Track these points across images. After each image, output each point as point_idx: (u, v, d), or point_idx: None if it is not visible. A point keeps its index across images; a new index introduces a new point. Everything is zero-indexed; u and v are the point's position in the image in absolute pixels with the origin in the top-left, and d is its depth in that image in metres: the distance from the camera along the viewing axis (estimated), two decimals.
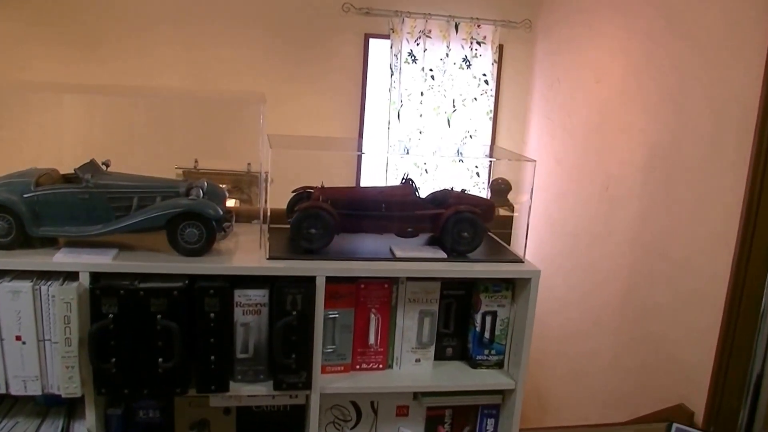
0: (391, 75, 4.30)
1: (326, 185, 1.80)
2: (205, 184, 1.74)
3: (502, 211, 2.67)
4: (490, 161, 4.48)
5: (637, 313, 2.99)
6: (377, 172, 4.49)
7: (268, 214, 1.66)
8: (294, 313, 1.60)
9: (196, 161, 4.37)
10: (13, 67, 4.08)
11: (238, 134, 3.89)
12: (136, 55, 4.22)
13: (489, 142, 4.56)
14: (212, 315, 1.57)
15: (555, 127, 4.05)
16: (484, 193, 4.52)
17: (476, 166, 4.47)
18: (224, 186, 4.58)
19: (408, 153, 3.96)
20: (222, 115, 4.18)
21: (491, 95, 4.45)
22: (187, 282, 1.57)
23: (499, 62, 4.45)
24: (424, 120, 4.37)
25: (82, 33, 4.18)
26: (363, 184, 4.48)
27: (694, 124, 2.63)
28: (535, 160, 1.75)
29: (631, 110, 3.13)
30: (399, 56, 4.27)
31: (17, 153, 3.81)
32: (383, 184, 4.49)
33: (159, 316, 1.54)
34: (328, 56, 4.38)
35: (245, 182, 4.46)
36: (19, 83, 3.47)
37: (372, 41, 4.35)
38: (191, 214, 1.58)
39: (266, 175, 1.68)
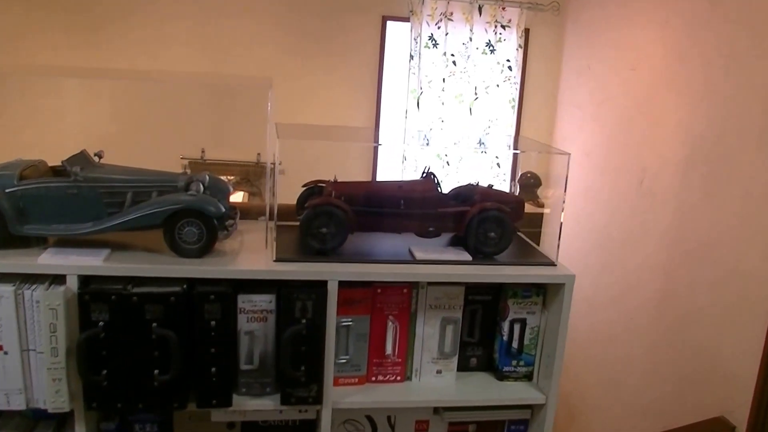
0: (410, 60, 4.18)
1: (340, 179, 1.69)
2: (207, 177, 1.63)
3: (532, 208, 2.56)
4: (514, 153, 4.35)
5: (674, 319, 2.85)
6: (394, 165, 4.37)
7: (276, 210, 1.55)
8: (303, 321, 1.49)
9: (202, 151, 4.28)
10: (14, 53, 4.01)
11: (247, 122, 3.79)
12: (142, 33, 4.13)
13: (512, 132, 4.42)
14: (213, 323, 1.47)
15: (584, 117, 3.91)
16: (507, 185, 4.39)
17: (497, 157, 4.34)
18: (232, 178, 4.52)
19: (428, 144, 3.83)
20: (230, 102, 4.08)
21: (515, 82, 4.32)
22: (185, 286, 1.46)
23: (525, 47, 4.31)
24: (445, 108, 4.24)
25: (84, 14, 4.09)
26: (379, 177, 4.37)
27: (742, 115, 2.48)
28: (569, 153, 1.63)
29: (670, 100, 2.98)
30: (419, 40, 4.14)
31: (15, 141, 3.73)
32: (401, 178, 4.38)
33: (154, 324, 1.44)
34: (342, 40, 4.26)
35: (254, 174, 4.37)
36: (18, 68, 3.38)
37: (390, 24, 4.23)
38: (190, 211, 1.48)
39: (273, 167, 1.57)
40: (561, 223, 1.71)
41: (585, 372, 3.61)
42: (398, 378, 1.67)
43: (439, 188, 1.68)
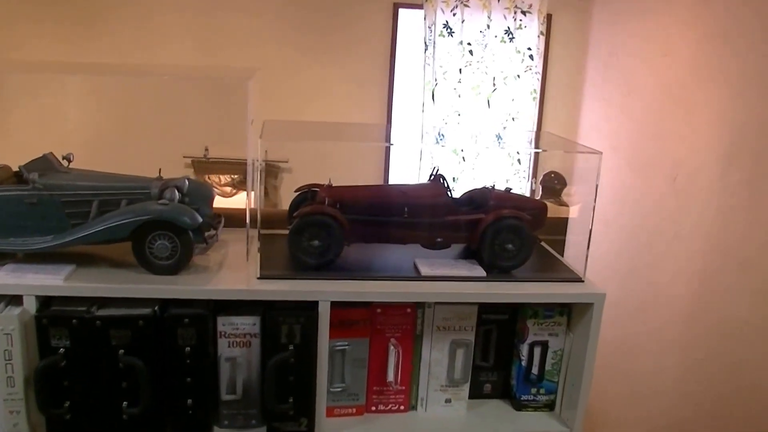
0: (425, 50, 4.00)
1: (349, 182, 1.53)
2: (186, 182, 1.48)
3: (556, 210, 2.38)
4: (533, 152, 4.15)
5: (710, 331, 2.65)
6: (409, 164, 4.20)
7: (259, 217, 1.39)
8: (291, 347, 1.34)
9: (206, 149, 4.14)
10: (4, 47, 3.89)
11: (255, 116, 3.64)
12: (137, 26, 3.99)
13: (534, 126, 4.23)
14: (188, 349, 1.32)
15: (611, 108, 3.71)
16: (526, 184, 4.20)
17: (517, 152, 4.15)
18: (236, 177, 4.37)
19: (442, 139, 3.66)
20: (231, 97, 3.92)
21: (537, 72, 4.12)
22: (156, 308, 1.31)
23: (547, 34, 4.11)
24: (462, 101, 4.06)
25: (77, 7, 3.96)
26: (393, 178, 4.20)
27: None
28: (600, 152, 1.45)
29: (706, 89, 2.78)
30: (433, 28, 3.96)
31: (4, 142, 3.62)
32: (411, 181, 4.20)
33: (121, 351, 1.29)
34: (351, 31, 4.09)
35: (260, 172, 4.22)
36: (6, 63, 3.26)
37: (402, 11, 4.06)
38: (161, 222, 1.32)
39: (256, 164, 1.41)
40: (590, 231, 1.53)
41: (610, 384, 3.42)
42: (401, 408, 1.51)
43: (449, 193, 1.51)
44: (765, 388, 2.34)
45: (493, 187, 1.54)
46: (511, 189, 1.56)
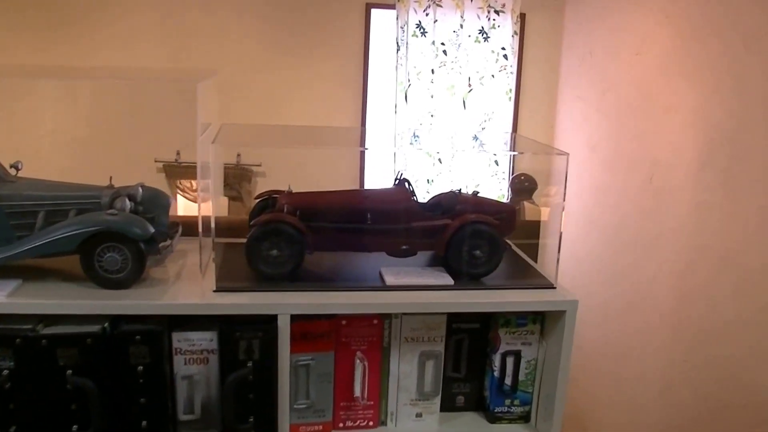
0: (397, 50, 3.95)
1: (325, 185, 1.47)
2: (140, 190, 1.41)
3: (530, 211, 2.34)
4: (505, 154, 4.11)
5: (692, 329, 2.62)
6: (385, 167, 4.14)
7: (213, 225, 1.32)
8: (249, 363, 1.27)
9: (178, 153, 4.05)
10: None
11: (223, 120, 3.57)
12: (105, 28, 3.90)
13: (510, 127, 4.18)
14: (140, 368, 1.25)
15: (588, 108, 3.67)
16: (504, 185, 4.16)
17: (494, 153, 4.10)
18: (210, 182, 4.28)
19: (417, 141, 3.61)
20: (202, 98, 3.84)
21: (512, 72, 4.08)
22: (106, 325, 1.24)
23: (521, 34, 4.07)
24: (435, 102, 4.01)
25: (44, 11, 3.86)
26: (368, 181, 4.13)
27: (766, 100, 2.25)
28: (567, 153, 1.40)
29: (681, 87, 2.75)
30: (406, 29, 3.91)
31: None
32: (386, 183, 4.14)
33: (69, 372, 1.22)
34: (323, 31, 4.02)
35: (234, 176, 4.14)
36: None
37: (374, 11, 4.00)
38: (111, 234, 1.25)
39: (204, 170, 1.34)
40: (560, 235, 1.48)
41: (595, 385, 3.39)
42: (370, 423, 1.44)
43: (414, 198, 1.45)
44: (749, 387, 2.30)
45: (460, 191, 1.49)
46: (478, 192, 1.50)
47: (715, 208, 2.51)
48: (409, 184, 1.45)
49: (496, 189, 4.16)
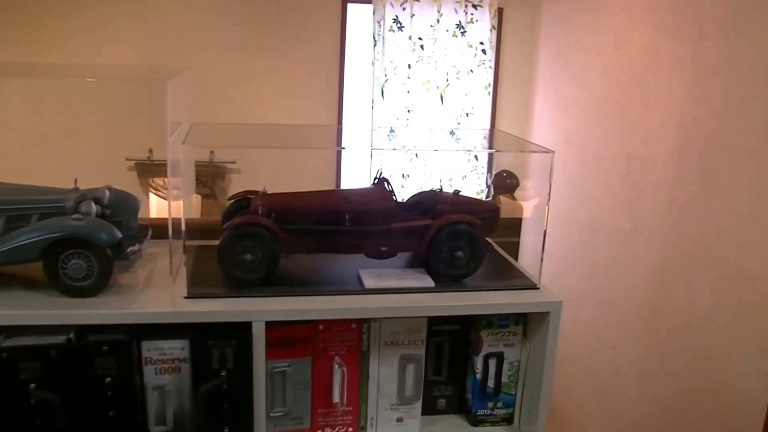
0: (374, 46, 3.90)
1: (300, 183, 1.42)
2: (107, 192, 1.35)
3: (509, 208, 2.30)
4: (485, 152, 4.08)
5: (670, 324, 2.60)
6: (362, 162, 4.08)
7: (183, 228, 1.26)
8: (223, 373, 1.22)
9: (150, 151, 3.97)
10: None
11: (194, 117, 3.50)
12: (81, 31, 3.80)
13: (488, 122, 4.15)
14: (108, 380, 1.19)
15: (566, 102, 3.65)
16: (483, 180, 4.13)
17: (474, 147, 4.06)
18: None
19: (394, 136, 3.55)
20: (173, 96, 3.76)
21: (490, 67, 4.05)
22: (72, 336, 1.18)
23: (499, 28, 4.04)
24: (412, 97, 3.97)
25: (9, 7, 3.76)
26: (344, 177, 4.08)
27: (746, 96, 2.23)
28: (553, 151, 1.36)
29: (660, 82, 2.73)
30: (382, 23, 3.86)
31: None
32: (363, 180, 4.09)
33: (33, 386, 1.16)
34: (299, 25, 3.96)
35: (207, 174, 4.07)
36: None
37: (351, 6, 3.94)
38: (76, 240, 1.19)
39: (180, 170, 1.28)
40: (545, 233, 1.44)
41: (572, 378, 3.37)
42: (350, 430, 1.40)
43: (394, 197, 1.40)
44: (729, 384, 2.29)
45: (441, 189, 1.44)
46: (460, 191, 1.46)
47: (693, 204, 2.49)
48: (389, 183, 1.40)
49: (476, 184, 4.13)
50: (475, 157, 4.13)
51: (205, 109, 3.67)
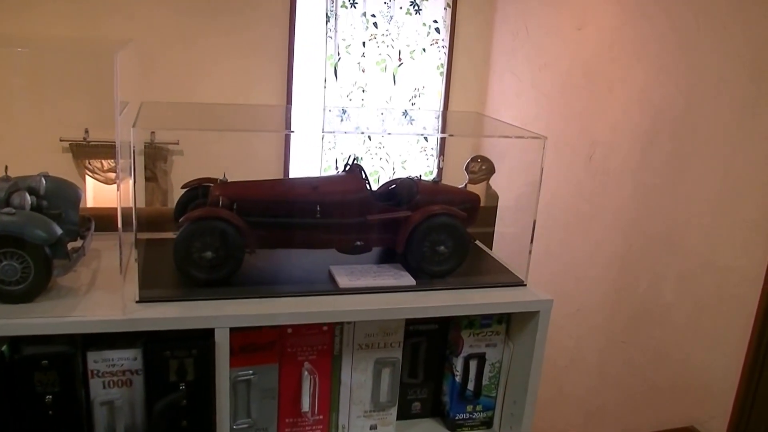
0: (327, 22, 3.73)
1: (247, 165, 1.29)
2: (43, 181, 1.19)
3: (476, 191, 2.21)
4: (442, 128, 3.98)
5: (634, 316, 2.56)
6: (312, 144, 3.93)
7: (135, 221, 1.10)
8: (182, 386, 1.08)
9: (86, 131, 3.73)
10: None
11: (134, 94, 3.28)
12: (9, 10, 3.51)
13: (441, 102, 4.05)
14: (49, 397, 1.04)
15: (522, 84, 3.57)
16: (434, 162, 4.04)
17: (424, 128, 3.96)
18: (122, 162, 3.98)
19: (346, 117, 3.41)
20: (109, 71, 3.53)
21: (443, 46, 3.94)
22: (5, 349, 1.03)
23: (453, 7, 3.93)
24: (366, 76, 3.83)
25: None
26: (293, 158, 3.91)
27: (718, 80, 2.17)
28: (545, 137, 1.26)
29: (625, 64, 2.66)
30: None
31: None
32: (314, 163, 3.94)
33: None
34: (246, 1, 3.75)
35: (149, 156, 3.85)
36: None
37: None
38: (7, 238, 1.03)
39: (134, 161, 1.13)
40: (534, 224, 1.34)
41: None
42: None
43: (368, 186, 1.28)
44: (693, 373, 2.27)
45: (419, 177, 1.33)
46: (439, 180, 1.34)
47: (659, 190, 2.44)
48: (362, 170, 1.28)
49: (424, 166, 4.03)
50: (425, 138, 4.02)
51: (144, 86, 3.45)
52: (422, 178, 1.32)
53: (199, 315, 1.07)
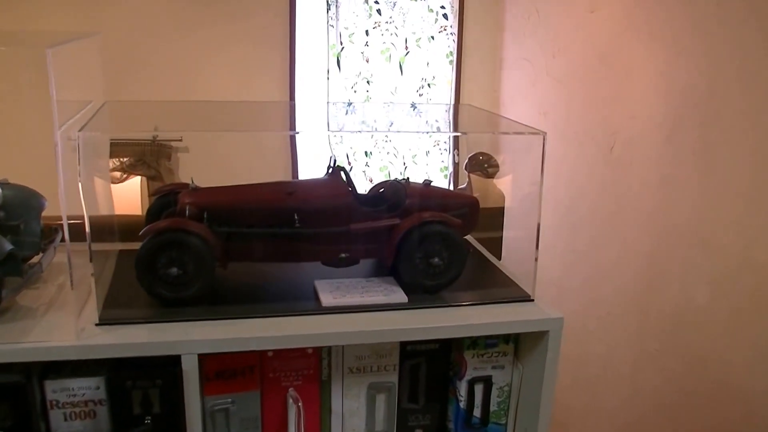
0: (328, 10, 3.65)
1: (252, 163, 1.21)
2: (1, 189, 1.12)
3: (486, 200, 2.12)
4: (454, 122, 3.89)
5: (665, 319, 2.45)
6: (319, 141, 3.83)
7: (88, 229, 1.02)
8: (148, 419, 1.00)
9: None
10: None
11: (136, 95, 3.22)
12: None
13: (452, 93, 3.95)
14: None
15: (536, 71, 3.47)
16: (448, 157, 3.94)
17: (436, 120, 3.86)
18: (126, 160, 3.91)
19: (352, 110, 3.33)
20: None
21: (452, 33, 3.84)
22: None
23: None
24: (371, 66, 3.74)
25: None
26: (303, 165, 3.82)
27: (745, 61, 2.06)
28: (545, 133, 1.17)
29: (644, 48, 2.55)
30: None
31: None
32: (320, 161, 3.85)
33: None
34: None
35: (152, 153, 3.79)
36: None
37: None
38: None
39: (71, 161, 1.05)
40: (538, 228, 1.26)
41: (560, 373, 3.23)
42: None
43: (352, 191, 1.19)
44: (731, 382, 2.16)
45: (407, 180, 1.24)
46: (431, 182, 1.25)
47: (686, 183, 2.34)
48: (346, 173, 1.19)
49: (438, 161, 3.94)
50: (438, 129, 3.93)
51: (132, 81, 3.40)
52: (429, 179, 1.23)
53: (164, 340, 0.99)
